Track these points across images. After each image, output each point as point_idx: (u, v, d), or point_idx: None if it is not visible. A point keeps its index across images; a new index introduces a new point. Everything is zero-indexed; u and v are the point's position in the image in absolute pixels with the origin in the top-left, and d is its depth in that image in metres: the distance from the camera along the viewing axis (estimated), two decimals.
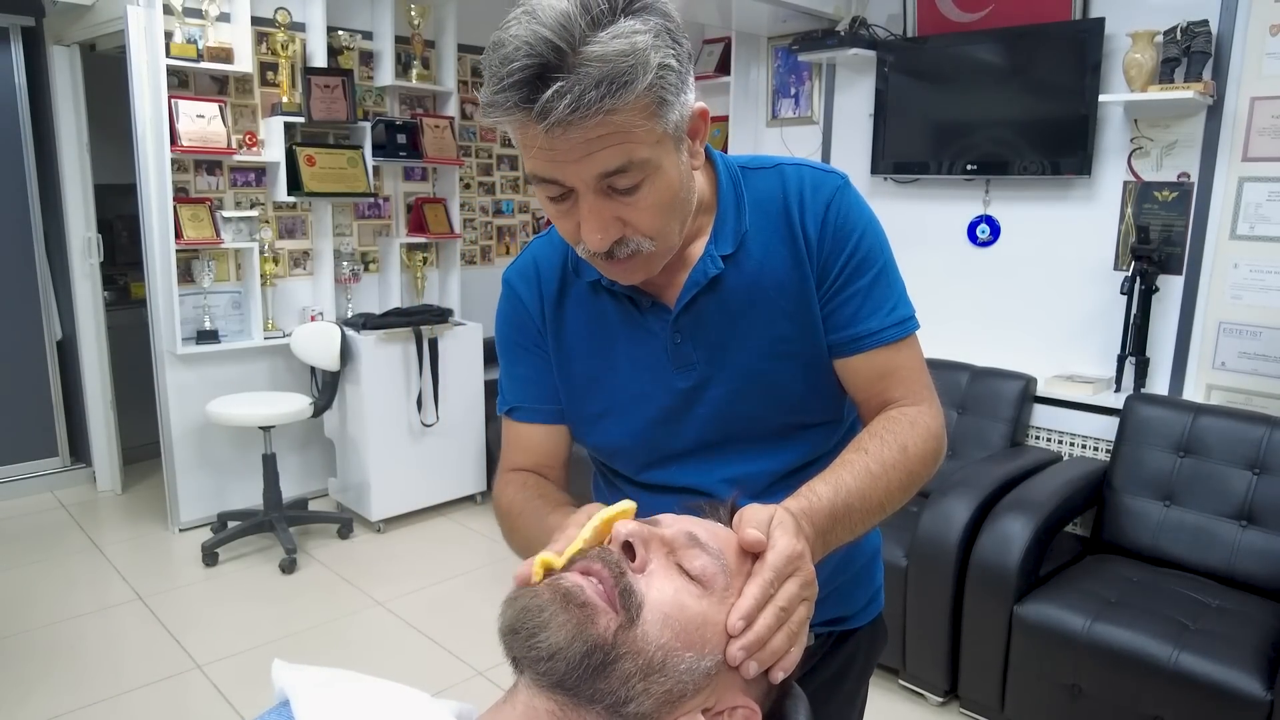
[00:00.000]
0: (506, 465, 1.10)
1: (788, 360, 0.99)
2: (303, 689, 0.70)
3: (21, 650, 2.81)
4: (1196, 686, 2.01)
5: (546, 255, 1.06)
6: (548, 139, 0.77)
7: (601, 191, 0.81)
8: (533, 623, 0.65)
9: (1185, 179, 2.81)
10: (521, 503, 1.01)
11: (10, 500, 4.10)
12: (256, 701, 2.53)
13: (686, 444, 1.03)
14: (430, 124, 4.22)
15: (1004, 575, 2.35)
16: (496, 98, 0.76)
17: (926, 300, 3.44)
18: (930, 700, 2.60)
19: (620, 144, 0.78)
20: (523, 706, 0.67)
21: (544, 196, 0.85)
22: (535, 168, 0.82)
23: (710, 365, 0.99)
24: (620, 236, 0.84)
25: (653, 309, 0.99)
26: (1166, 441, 2.64)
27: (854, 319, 0.98)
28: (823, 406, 1.03)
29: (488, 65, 0.77)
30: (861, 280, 0.98)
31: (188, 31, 3.47)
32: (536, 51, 0.73)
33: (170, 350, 3.59)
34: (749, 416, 1.01)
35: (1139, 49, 2.73)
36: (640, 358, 1.01)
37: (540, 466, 1.08)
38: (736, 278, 0.97)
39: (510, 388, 1.10)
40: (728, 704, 0.69)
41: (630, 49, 0.74)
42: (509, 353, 1.10)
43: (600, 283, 1.00)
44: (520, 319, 1.07)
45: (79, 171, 3.96)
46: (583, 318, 1.04)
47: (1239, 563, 2.43)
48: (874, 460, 0.91)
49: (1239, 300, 2.73)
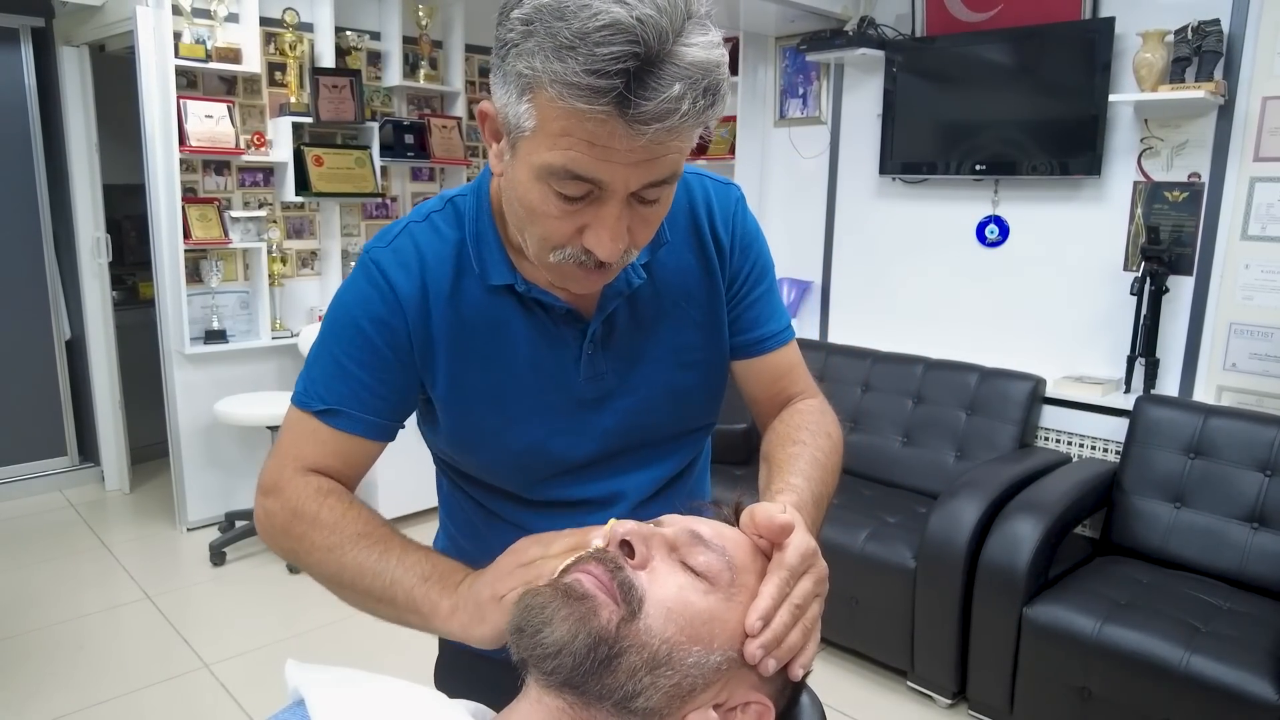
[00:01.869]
0: (301, 461, 0.91)
1: (693, 369, 1.00)
2: (317, 689, 0.70)
3: (30, 649, 2.81)
4: (1207, 689, 2.00)
5: (433, 248, 0.91)
6: (616, 138, 0.69)
7: (629, 199, 0.76)
8: (537, 620, 0.66)
9: (1196, 179, 2.79)
10: (333, 520, 0.87)
11: (19, 499, 4.11)
12: (264, 701, 2.54)
13: (586, 455, 0.97)
14: (437, 124, 4.22)
15: (1013, 577, 2.34)
16: (588, 81, 0.65)
17: (934, 301, 3.47)
18: (939, 702, 2.59)
19: (676, 154, 0.74)
20: (535, 704, 0.68)
21: (554, 194, 0.74)
22: (579, 165, 0.71)
23: (619, 376, 0.96)
24: (625, 246, 0.79)
25: (565, 317, 0.92)
26: (1177, 443, 2.63)
27: (758, 322, 1.03)
28: (712, 410, 1.06)
29: (554, 32, 0.66)
30: (762, 286, 1.03)
31: (196, 32, 3.48)
32: (637, 38, 0.64)
33: (178, 350, 3.60)
34: (651, 425, 0.99)
35: (1149, 48, 2.72)
36: (546, 368, 0.93)
37: (344, 476, 0.92)
38: (648, 287, 0.95)
39: (332, 385, 0.90)
40: (740, 700, 0.69)
41: (720, 60, 0.70)
42: (349, 346, 0.90)
43: (515, 287, 0.90)
44: (383, 313, 0.89)
45: (88, 172, 3.98)
46: (479, 322, 0.91)
47: (1250, 565, 2.42)
48: (817, 450, 0.95)
49: (1250, 301, 2.72)
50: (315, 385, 0.91)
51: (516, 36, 0.69)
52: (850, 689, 2.69)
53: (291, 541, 0.89)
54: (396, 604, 0.83)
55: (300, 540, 0.88)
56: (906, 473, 3.15)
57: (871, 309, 3.69)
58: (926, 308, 3.49)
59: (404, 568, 0.82)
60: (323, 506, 0.88)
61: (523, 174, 0.76)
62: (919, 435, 3.18)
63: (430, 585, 0.81)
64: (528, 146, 0.73)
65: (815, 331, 3.88)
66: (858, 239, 3.72)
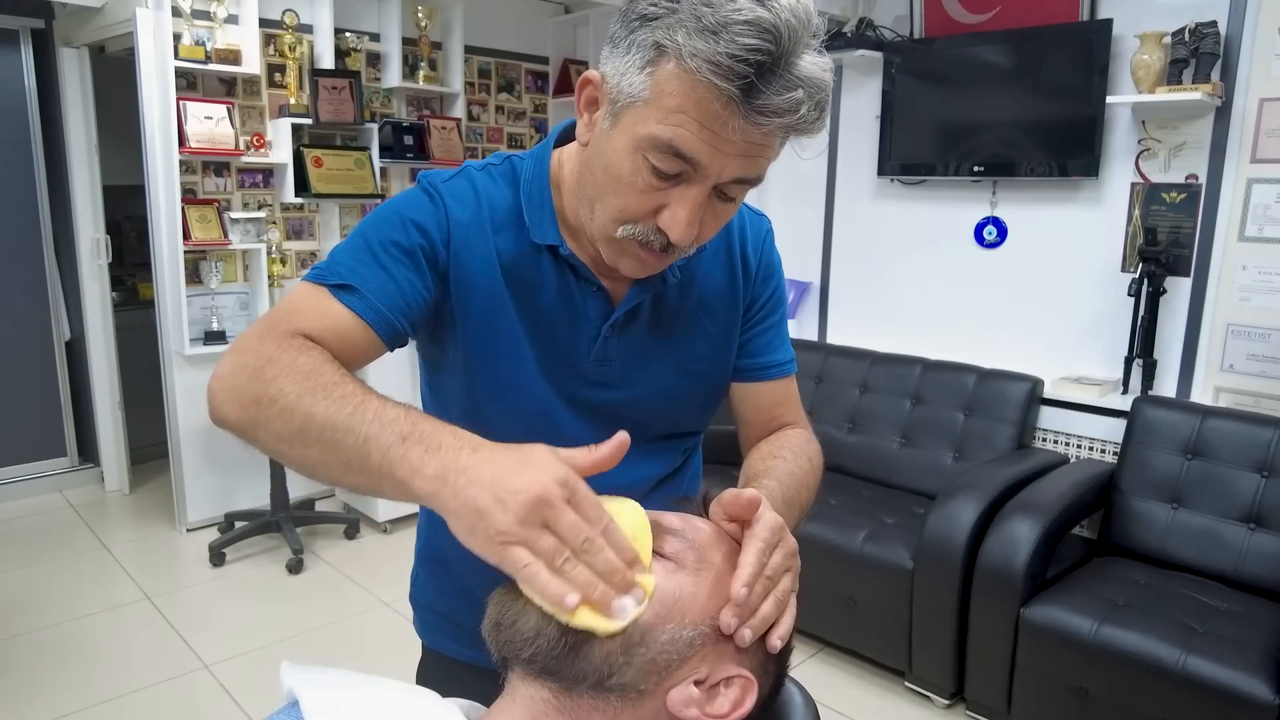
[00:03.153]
0: (292, 328, 0.81)
1: (695, 379, 1.02)
2: (311, 690, 0.71)
3: (30, 649, 2.82)
4: (1204, 690, 2.01)
5: (489, 193, 0.94)
6: (729, 126, 0.73)
7: (711, 191, 0.80)
8: (510, 612, 0.68)
9: (1193, 180, 2.80)
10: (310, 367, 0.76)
11: (19, 500, 4.12)
12: (263, 701, 2.54)
13: (561, 441, 0.95)
14: (437, 125, 4.23)
15: (1011, 577, 2.34)
16: (727, 62, 0.70)
17: (933, 302, 3.47)
18: (936, 703, 2.59)
19: (767, 160, 0.79)
20: (522, 698, 0.70)
21: (647, 168, 0.77)
22: (685, 143, 0.75)
23: (624, 368, 0.98)
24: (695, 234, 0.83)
25: (596, 294, 0.95)
26: (1174, 444, 2.63)
27: (766, 349, 1.07)
28: (703, 421, 1.09)
29: (699, 15, 0.71)
30: (775, 315, 1.07)
31: (196, 33, 3.49)
32: (774, 38, 0.70)
33: (178, 351, 3.60)
34: (637, 422, 0.99)
35: (1147, 50, 2.73)
36: (561, 339, 0.95)
37: (341, 357, 0.82)
38: (676, 290, 0.99)
39: (357, 268, 0.86)
40: (722, 675, 0.70)
41: (830, 83, 0.75)
42: (386, 238, 0.88)
43: (559, 250, 0.93)
44: (429, 224, 0.90)
45: (88, 173, 3.98)
46: (516, 275, 0.93)
47: (1247, 566, 2.42)
48: (794, 464, 0.97)
49: (1247, 302, 2.72)
50: (338, 266, 0.87)
51: (660, 10, 0.74)
52: (848, 689, 2.70)
53: (259, 387, 0.74)
54: (369, 466, 0.69)
55: (268, 386, 0.74)
56: (904, 473, 3.16)
57: (870, 310, 3.70)
58: (925, 309, 3.50)
59: (382, 422, 0.70)
60: (301, 355, 0.77)
61: (619, 143, 0.79)
62: (917, 436, 3.19)
63: (410, 445, 0.68)
64: (634, 116, 0.77)
65: (814, 332, 3.88)
66: (856, 240, 3.72)
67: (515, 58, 4.70)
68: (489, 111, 4.63)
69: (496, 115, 4.67)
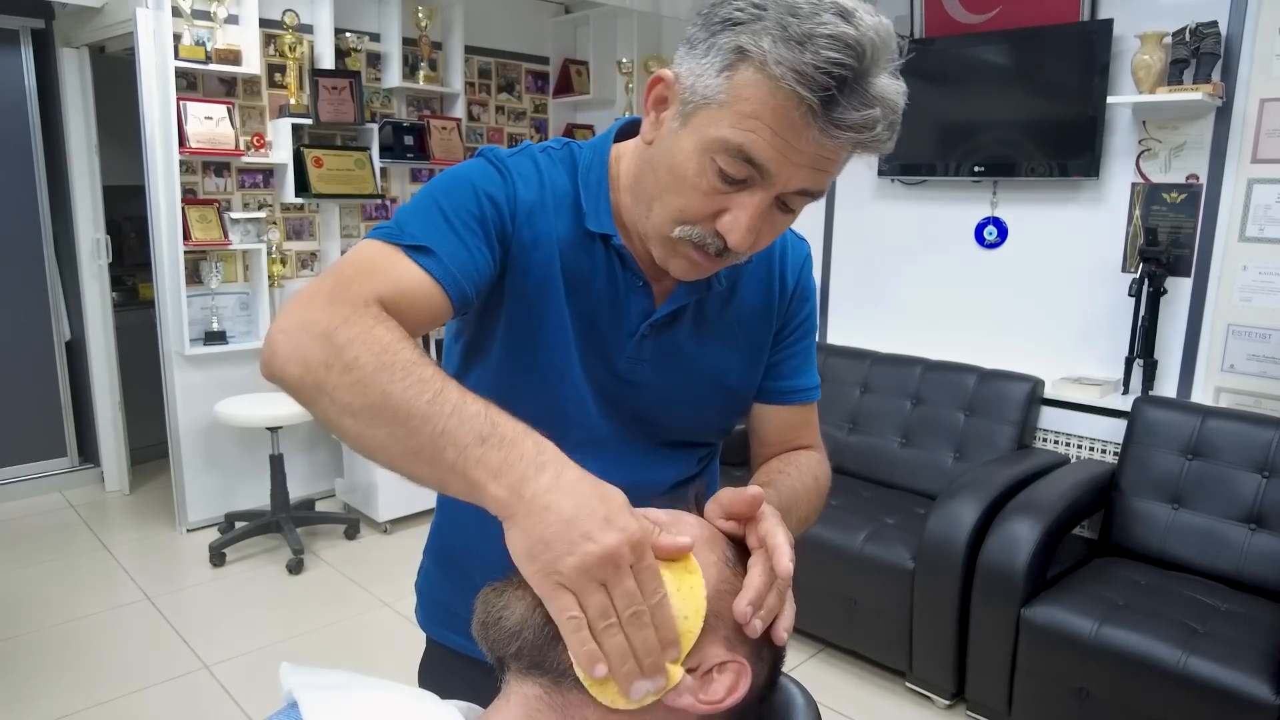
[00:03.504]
0: (364, 290, 0.77)
1: (722, 393, 1.03)
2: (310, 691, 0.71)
3: (30, 650, 2.82)
4: (1205, 690, 2.00)
5: (550, 174, 0.94)
6: (803, 136, 0.74)
7: (775, 200, 0.81)
8: (495, 607, 0.69)
9: (1194, 181, 2.80)
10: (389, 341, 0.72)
11: (19, 500, 4.11)
12: (264, 702, 2.54)
13: (587, 432, 0.97)
14: (437, 125, 4.23)
15: (1011, 578, 2.34)
16: (811, 72, 0.71)
17: (933, 302, 3.47)
18: (937, 703, 2.59)
19: (832, 175, 0.81)
20: (516, 697, 0.70)
21: (714, 170, 0.78)
22: (757, 149, 0.76)
23: (656, 370, 0.98)
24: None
25: (640, 291, 0.95)
26: (1175, 444, 2.63)
27: (794, 373, 1.07)
28: (719, 432, 1.09)
29: (785, 25, 0.72)
30: (805, 341, 1.08)
31: (196, 34, 3.49)
32: (857, 55, 0.72)
33: (178, 351, 3.60)
34: (656, 424, 1.01)
35: (1147, 50, 2.73)
36: (603, 327, 0.95)
37: (403, 322, 0.77)
38: (716, 302, 1.00)
39: (434, 232, 0.84)
40: (714, 661, 0.70)
41: (901, 106, 0.77)
42: (459, 205, 0.87)
43: (611, 240, 0.93)
44: (499, 196, 0.89)
45: (88, 173, 3.98)
46: (568, 259, 0.93)
47: (1248, 566, 2.42)
48: (797, 481, 0.99)
49: (1248, 303, 2.72)
50: (410, 227, 0.84)
51: (745, 16, 0.75)
52: (848, 690, 2.70)
53: (329, 353, 0.70)
54: (440, 461, 0.67)
55: (341, 353, 0.70)
56: (905, 474, 3.16)
57: (870, 310, 3.69)
58: (925, 309, 3.49)
59: (462, 418, 0.66)
60: (379, 325, 0.73)
61: (688, 143, 0.79)
62: (918, 436, 3.19)
63: (489, 449, 0.66)
64: (707, 118, 0.77)
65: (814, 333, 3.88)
66: (856, 240, 3.72)
67: (515, 58, 4.70)
68: (489, 111, 4.63)
69: (497, 115, 4.67)
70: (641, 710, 0.67)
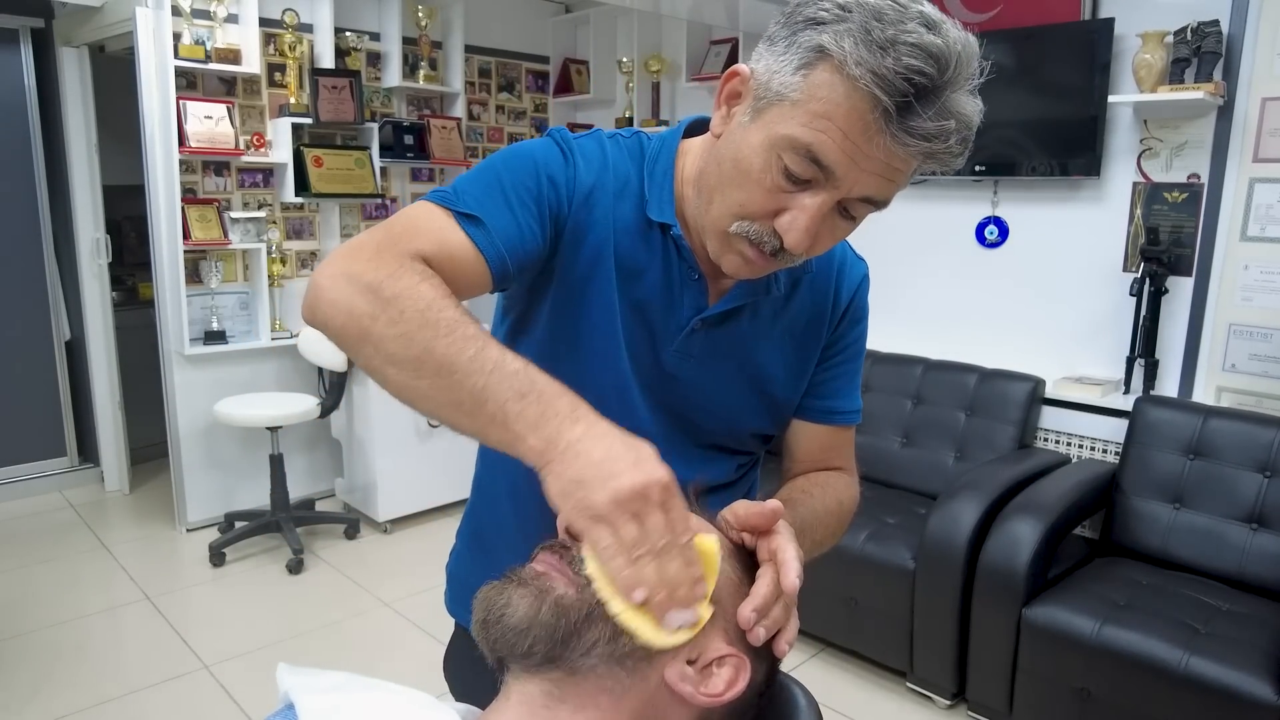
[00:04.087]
0: (411, 246, 0.80)
1: (765, 399, 1.02)
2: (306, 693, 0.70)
3: (29, 649, 2.81)
4: (1206, 690, 2.00)
5: (615, 158, 0.94)
6: (874, 142, 0.74)
7: (837, 205, 0.80)
8: (498, 607, 0.69)
9: (1195, 180, 2.79)
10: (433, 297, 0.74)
11: (19, 500, 4.11)
12: (263, 701, 2.54)
13: (628, 420, 0.95)
14: (437, 125, 4.23)
15: (1012, 578, 2.34)
16: (891, 76, 0.71)
17: (934, 302, 3.46)
18: (938, 703, 2.59)
19: (898, 185, 0.79)
20: (517, 699, 0.69)
21: (779, 168, 0.78)
22: (825, 150, 0.75)
23: (702, 367, 0.98)
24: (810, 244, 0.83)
25: (694, 286, 0.95)
26: (1176, 444, 2.63)
27: (837, 394, 1.07)
28: (756, 440, 1.08)
29: (868, 28, 0.72)
30: (852, 363, 1.07)
31: (196, 33, 3.48)
32: (938, 65, 0.71)
33: (178, 351, 3.60)
34: (695, 425, 1.01)
35: (1149, 49, 2.72)
36: (653, 318, 0.95)
37: (451, 285, 0.80)
38: (771, 307, 0.99)
39: (488, 205, 0.85)
40: (714, 654, 0.70)
41: (976, 125, 0.76)
42: (518, 181, 0.88)
43: (670, 230, 0.93)
44: (560, 176, 0.90)
45: (88, 172, 3.98)
46: (624, 245, 0.93)
47: (1249, 566, 2.42)
48: (819, 503, 0.99)
49: (1249, 302, 2.72)
50: (466, 195, 0.86)
51: (829, 16, 0.74)
52: (849, 690, 2.69)
53: (376, 305, 0.73)
54: (483, 411, 0.71)
55: (388, 305, 0.73)
56: (906, 473, 3.15)
57: (871, 310, 3.68)
58: (926, 308, 3.49)
59: (503, 374, 0.71)
60: (424, 281, 0.75)
61: (756, 139, 0.79)
62: (918, 436, 3.18)
63: (528, 403, 0.70)
64: (778, 115, 0.77)
65: None
66: (856, 240, 3.67)
67: (515, 57, 4.70)
68: (489, 111, 4.63)
69: (497, 115, 4.67)
70: (648, 698, 0.68)
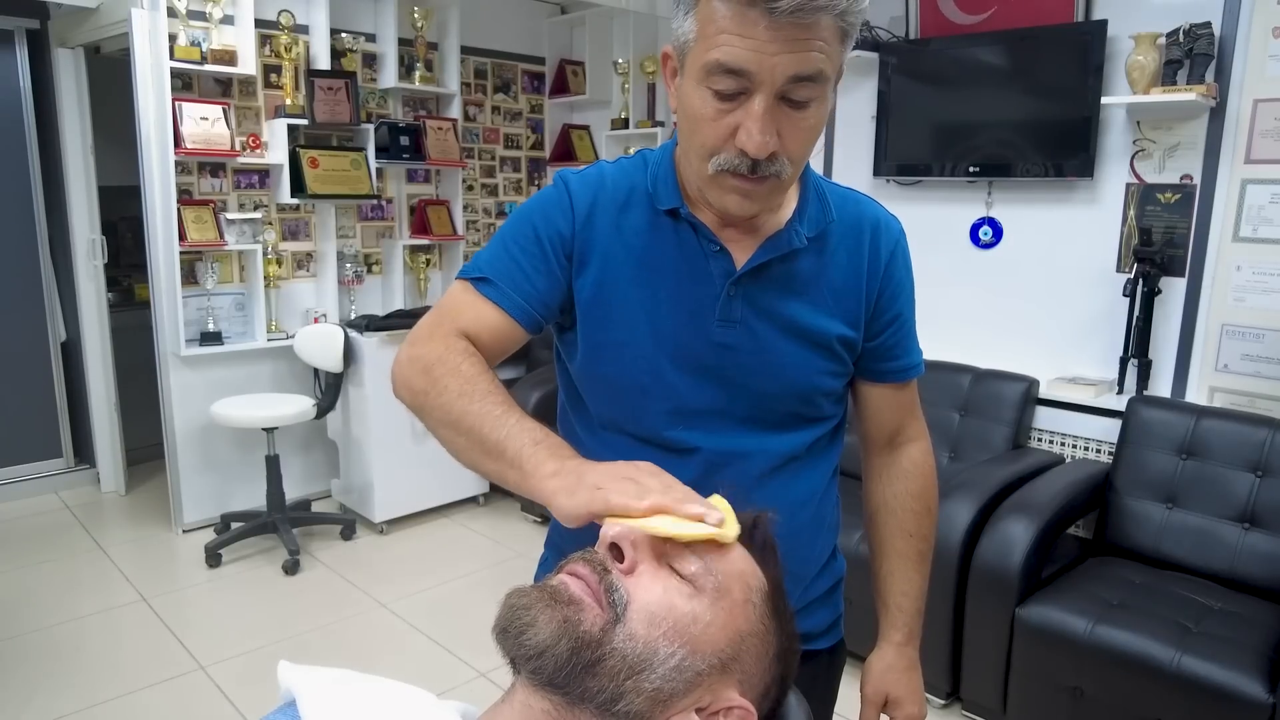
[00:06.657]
0: (455, 324, 1.00)
1: (819, 349, 1.05)
2: (309, 688, 0.71)
3: (25, 651, 2.81)
4: (1199, 689, 2.01)
5: (614, 177, 1.06)
6: (760, 28, 0.81)
7: (777, 98, 0.85)
8: (521, 621, 0.67)
9: (1188, 181, 2.81)
10: (471, 373, 0.94)
11: (14, 501, 4.11)
12: (260, 702, 2.54)
13: (701, 403, 1.04)
14: (433, 126, 4.23)
15: (1006, 577, 2.35)
16: None
17: (928, 302, 3.43)
18: (932, 702, 2.60)
19: (818, 52, 0.84)
20: (520, 705, 0.69)
21: (709, 92, 0.86)
22: (730, 56, 0.83)
23: (747, 330, 1.02)
24: (774, 151, 0.88)
25: (718, 255, 1.01)
26: (1169, 444, 2.64)
27: (902, 351, 1.13)
28: (828, 408, 1.11)
29: None
30: (908, 318, 1.14)
31: (191, 34, 3.48)
32: None
33: (174, 352, 3.60)
34: (767, 395, 1.05)
35: (1141, 51, 2.73)
36: (686, 300, 1.02)
37: (486, 349, 1.00)
38: (806, 262, 1.03)
39: (496, 264, 1.02)
40: (723, 704, 0.70)
41: None
42: (521, 237, 1.03)
43: (680, 211, 1.00)
44: (555, 216, 1.03)
45: (83, 173, 3.97)
46: (638, 244, 1.02)
47: (1241, 565, 2.43)
48: (921, 541, 1.18)
49: (1241, 303, 2.73)
50: (480, 261, 1.03)
51: None
52: (842, 689, 2.69)
53: (429, 382, 0.94)
54: (504, 457, 0.86)
55: (437, 382, 0.93)
56: None
57: None
58: (920, 309, 3.47)
59: (521, 429, 0.87)
60: (465, 360, 0.95)
61: (689, 85, 0.89)
62: None
63: (540, 449, 0.85)
64: (692, 56, 0.88)
65: None
66: None
67: (511, 58, 4.70)
68: (485, 112, 4.63)
69: (493, 116, 4.67)
70: None
